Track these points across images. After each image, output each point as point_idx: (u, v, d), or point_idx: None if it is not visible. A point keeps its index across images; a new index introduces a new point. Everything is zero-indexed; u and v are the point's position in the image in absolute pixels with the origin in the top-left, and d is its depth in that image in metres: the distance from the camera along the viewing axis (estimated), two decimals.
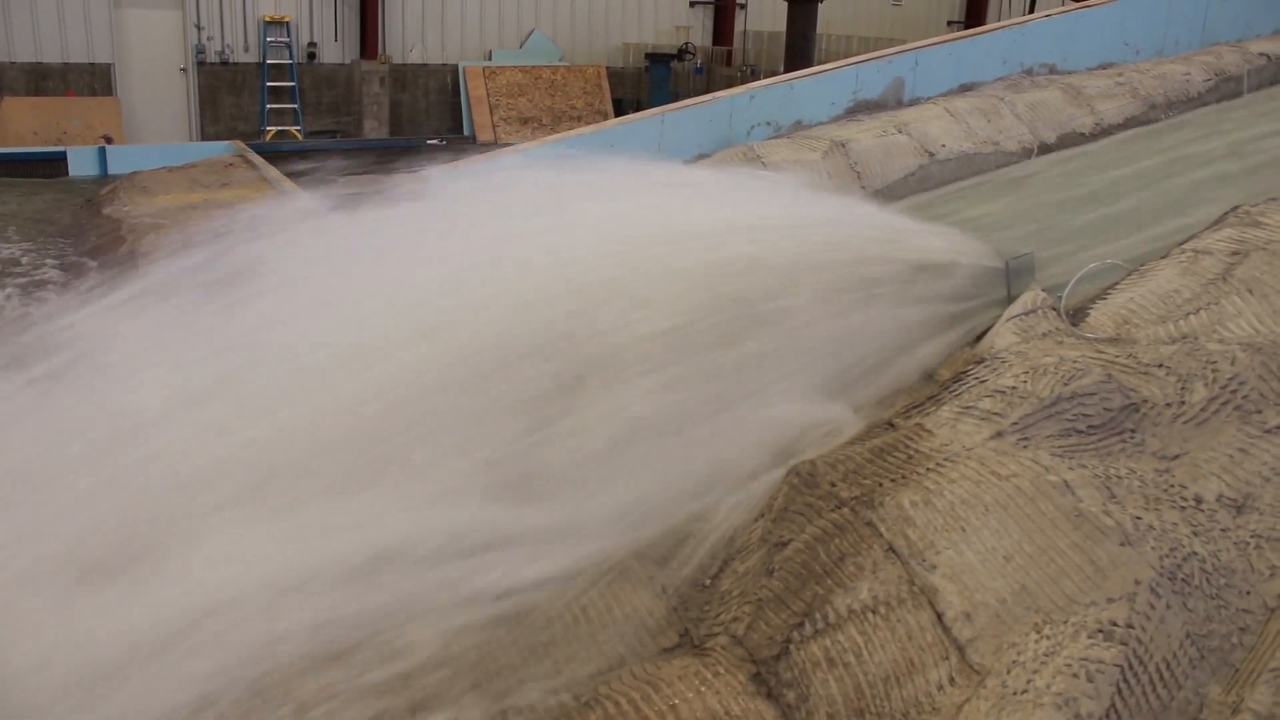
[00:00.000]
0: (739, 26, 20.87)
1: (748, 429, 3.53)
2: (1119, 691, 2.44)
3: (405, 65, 18.68)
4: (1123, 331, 3.69)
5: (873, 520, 2.94)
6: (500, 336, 3.44)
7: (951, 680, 2.58)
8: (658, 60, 19.59)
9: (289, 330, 3.70)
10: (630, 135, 6.70)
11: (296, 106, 17.75)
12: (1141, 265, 4.07)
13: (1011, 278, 4.30)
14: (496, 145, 14.80)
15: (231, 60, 17.53)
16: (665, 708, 2.73)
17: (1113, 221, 5.25)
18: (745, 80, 13.32)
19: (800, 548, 3.01)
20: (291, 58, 17.72)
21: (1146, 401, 3.23)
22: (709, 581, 3.19)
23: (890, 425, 3.49)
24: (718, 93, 7.10)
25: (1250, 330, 3.51)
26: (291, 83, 17.72)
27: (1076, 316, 3.86)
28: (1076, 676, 2.45)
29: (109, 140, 14.95)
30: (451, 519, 3.10)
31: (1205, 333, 3.54)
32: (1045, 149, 6.68)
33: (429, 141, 16.63)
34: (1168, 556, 2.71)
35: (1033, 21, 7.87)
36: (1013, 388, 3.28)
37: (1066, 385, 3.22)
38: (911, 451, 3.19)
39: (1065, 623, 2.59)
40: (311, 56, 18.09)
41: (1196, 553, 2.76)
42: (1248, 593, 2.75)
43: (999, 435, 3.14)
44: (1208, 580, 2.73)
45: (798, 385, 3.69)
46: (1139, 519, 2.80)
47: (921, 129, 6.52)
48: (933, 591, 2.73)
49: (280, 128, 17.51)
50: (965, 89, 7.45)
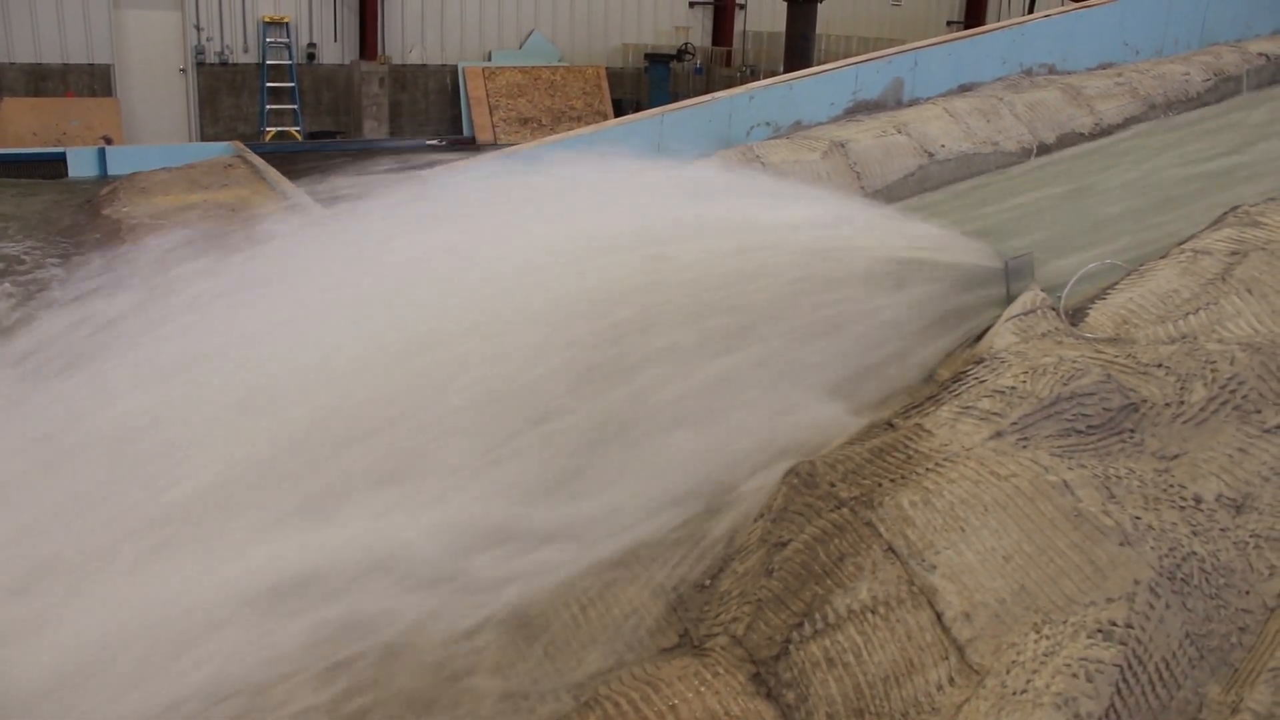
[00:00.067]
0: (738, 27, 20.88)
1: None
2: (1118, 691, 2.44)
3: (405, 66, 18.69)
4: (1122, 331, 3.68)
5: (872, 520, 2.94)
6: (322, 416, 3.01)
7: (951, 680, 2.58)
8: (657, 61, 19.59)
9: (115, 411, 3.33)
10: (629, 136, 6.71)
11: (296, 107, 17.76)
12: (1141, 265, 4.07)
13: (1010, 278, 4.30)
14: (496, 145, 14.81)
15: (231, 61, 17.54)
16: (665, 708, 2.73)
17: (1112, 221, 5.25)
18: (745, 80, 13.31)
19: (800, 548, 3.01)
20: (291, 58, 17.73)
21: (1146, 401, 3.23)
22: (709, 582, 3.19)
23: (890, 425, 3.49)
24: (717, 93, 7.10)
25: (1249, 330, 3.51)
26: (291, 83, 17.73)
27: (1076, 316, 3.86)
28: (1076, 676, 2.45)
29: (108, 141, 14.95)
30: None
31: (1204, 333, 3.54)
32: (1045, 149, 6.69)
33: (428, 142, 16.65)
34: (1167, 556, 2.72)
35: (1032, 22, 7.87)
36: (1012, 388, 3.28)
37: (1066, 385, 3.22)
38: (911, 451, 3.19)
39: (1064, 623, 2.59)
40: (311, 57, 18.10)
41: (1196, 552, 2.76)
42: (1247, 592, 2.76)
43: (998, 435, 3.14)
44: (1207, 580, 2.73)
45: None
46: (1138, 519, 2.81)
47: (921, 129, 6.52)
48: (932, 591, 2.73)
49: (280, 128, 17.52)
50: (965, 89, 7.45)
